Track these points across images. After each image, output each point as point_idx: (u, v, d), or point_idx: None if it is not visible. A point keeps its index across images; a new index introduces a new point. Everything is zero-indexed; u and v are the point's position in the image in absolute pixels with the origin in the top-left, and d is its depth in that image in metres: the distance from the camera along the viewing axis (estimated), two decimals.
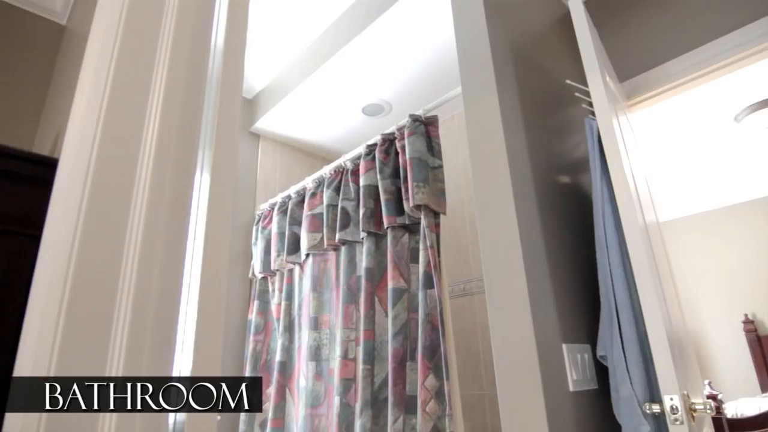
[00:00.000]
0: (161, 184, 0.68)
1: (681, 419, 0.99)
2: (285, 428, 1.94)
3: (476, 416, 2.05)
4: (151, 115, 0.72)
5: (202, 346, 0.66)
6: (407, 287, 1.58)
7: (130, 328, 0.60)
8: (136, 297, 0.61)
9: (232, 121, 0.82)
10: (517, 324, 1.15)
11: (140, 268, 0.63)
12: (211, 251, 0.71)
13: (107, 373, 0.57)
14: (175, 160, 0.72)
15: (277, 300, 2.18)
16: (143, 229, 0.64)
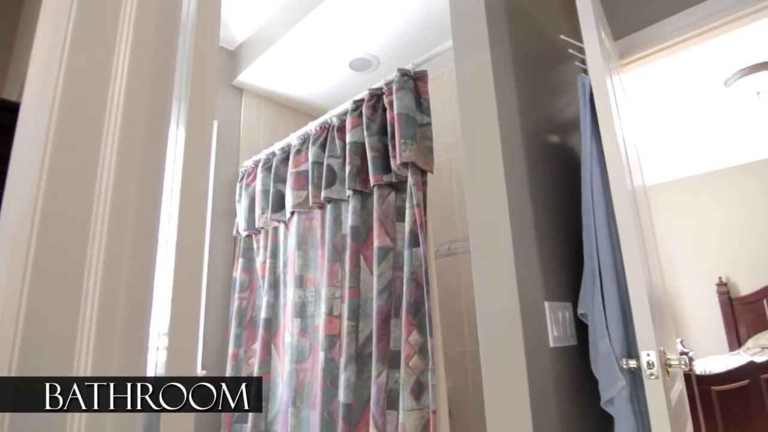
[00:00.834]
0: (131, 138, 0.64)
1: (656, 374, 1.02)
2: (271, 382, 1.97)
3: (458, 371, 2.11)
4: (119, 61, 0.67)
5: (179, 315, 0.63)
6: (393, 246, 1.58)
7: (101, 296, 0.57)
8: (106, 265, 0.57)
9: (208, 70, 0.77)
10: (501, 282, 1.16)
11: (110, 230, 0.59)
12: (188, 211, 0.68)
13: (77, 340, 0.54)
14: (146, 111, 0.67)
15: (262, 258, 2.17)
16: (113, 188, 0.60)
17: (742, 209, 4.36)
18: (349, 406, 1.52)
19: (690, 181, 4.74)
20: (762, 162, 4.34)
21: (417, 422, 1.35)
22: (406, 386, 1.37)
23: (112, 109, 0.65)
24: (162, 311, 0.66)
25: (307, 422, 1.72)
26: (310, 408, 1.73)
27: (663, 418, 1.01)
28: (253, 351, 2.12)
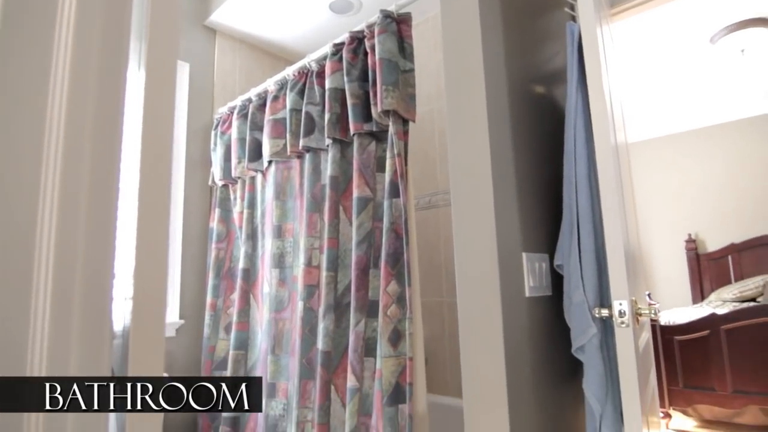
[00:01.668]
0: (83, 80, 0.58)
1: (627, 323, 1.04)
2: (250, 331, 1.98)
3: (435, 321, 2.16)
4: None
5: (144, 270, 0.60)
6: (373, 196, 1.55)
7: (56, 248, 0.52)
8: (60, 221, 0.52)
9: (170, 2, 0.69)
10: (480, 232, 1.15)
11: (63, 186, 0.53)
12: (150, 161, 0.63)
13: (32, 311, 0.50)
14: (99, 50, 0.60)
15: (239, 208, 2.12)
16: (64, 138, 0.55)
17: (719, 168, 4.44)
18: (327, 354, 1.54)
19: (669, 139, 4.78)
20: (741, 121, 4.38)
21: (394, 368, 1.37)
22: (384, 334, 1.39)
23: (59, 48, 0.58)
24: (126, 266, 0.63)
25: (286, 369, 1.75)
26: (289, 355, 1.76)
27: (630, 364, 1.05)
28: (232, 301, 2.12)
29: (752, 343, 2.75)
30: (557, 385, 1.32)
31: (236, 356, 1.94)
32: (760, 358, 2.72)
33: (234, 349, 1.94)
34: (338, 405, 1.53)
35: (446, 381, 2.11)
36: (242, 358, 1.95)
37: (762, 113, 4.26)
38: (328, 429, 1.51)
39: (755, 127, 4.29)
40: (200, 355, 2.21)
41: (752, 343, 2.75)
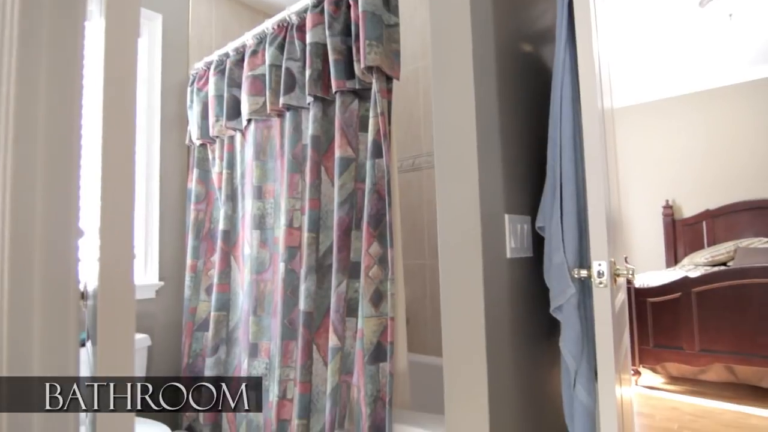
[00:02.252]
0: (34, 29, 0.52)
1: (605, 283, 1.06)
2: (231, 293, 1.97)
3: (417, 283, 2.18)
4: None
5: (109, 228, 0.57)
6: (355, 157, 1.52)
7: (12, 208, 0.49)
8: (14, 182, 0.49)
9: None
10: (464, 193, 1.14)
11: (15, 138, 0.50)
12: (113, 116, 0.58)
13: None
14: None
15: (218, 169, 2.07)
16: (15, 92, 0.50)
17: (700, 135, 4.48)
18: (309, 314, 1.54)
19: (653, 106, 4.79)
20: (726, 88, 4.40)
21: (375, 328, 1.39)
22: (366, 295, 1.39)
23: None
24: (92, 227, 0.59)
25: (268, 329, 1.76)
26: (270, 316, 1.76)
27: (606, 323, 1.07)
28: (212, 263, 2.09)
29: (720, 305, 2.86)
30: (535, 343, 1.35)
31: (218, 317, 1.93)
32: (727, 319, 2.84)
33: (215, 311, 1.94)
34: (320, 364, 1.55)
35: (426, 341, 2.15)
36: (224, 319, 1.95)
37: (747, 80, 4.28)
38: (310, 387, 1.54)
39: (739, 94, 4.32)
40: (181, 316, 2.20)
41: (720, 304, 2.86)
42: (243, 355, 1.81)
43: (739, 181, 4.26)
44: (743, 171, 4.24)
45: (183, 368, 2.06)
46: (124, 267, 0.59)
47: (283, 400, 1.60)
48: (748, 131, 4.23)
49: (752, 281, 2.78)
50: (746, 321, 2.77)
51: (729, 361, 2.82)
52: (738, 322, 2.80)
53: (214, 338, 1.92)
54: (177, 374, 2.17)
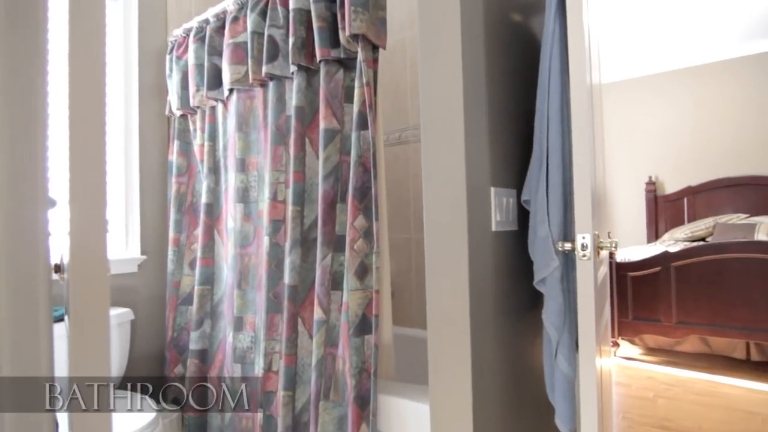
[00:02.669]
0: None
1: (589, 255, 1.07)
2: (215, 266, 1.95)
3: (402, 257, 2.18)
4: None
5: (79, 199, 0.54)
6: (340, 128, 1.49)
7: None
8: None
9: None
10: (450, 166, 1.13)
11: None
12: (80, 79, 0.55)
13: None
14: None
15: (199, 141, 2.01)
16: None
17: (686, 112, 4.51)
18: (294, 288, 1.53)
19: (639, 82, 4.79)
20: (714, 65, 4.41)
21: (360, 301, 1.39)
22: (351, 268, 1.39)
23: None
24: (61, 198, 0.57)
25: (253, 303, 1.75)
26: (255, 290, 1.75)
27: (589, 295, 1.08)
28: (195, 236, 2.06)
29: (698, 279, 2.94)
30: (518, 315, 1.36)
31: (202, 291, 1.92)
32: (704, 293, 2.92)
33: (199, 285, 1.92)
34: (305, 336, 1.55)
35: (412, 314, 2.17)
36: (208, 293, 1.93)
37: (735, 56, 4.29)
38: (296, 360, 1.54)
39: (727, 71, 4.33)
40: (164, 290, 2.18)
41: (698, 279, 2.93)
42: (228, 328, 1.81)
43: (721, 158, 4.32)
44: (727, 148, 4.30)
45: (167, 342, 2.05)
46: (97, 240, 0.57)
47: (269, 373, 1.61)
48: (735, 108, 4.26)
49: (729, 256, 2.84)
50: (722, 294, 2.86)
51: (704, 333, 2.92)
52: (714, 295, 2.88)
53: (198, 312, 1.91)
54: (161, 348, 2.16)
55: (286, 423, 1.51)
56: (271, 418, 1.61)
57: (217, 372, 1.90)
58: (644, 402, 2.49)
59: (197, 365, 1.91)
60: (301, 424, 1.54)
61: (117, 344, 1.85)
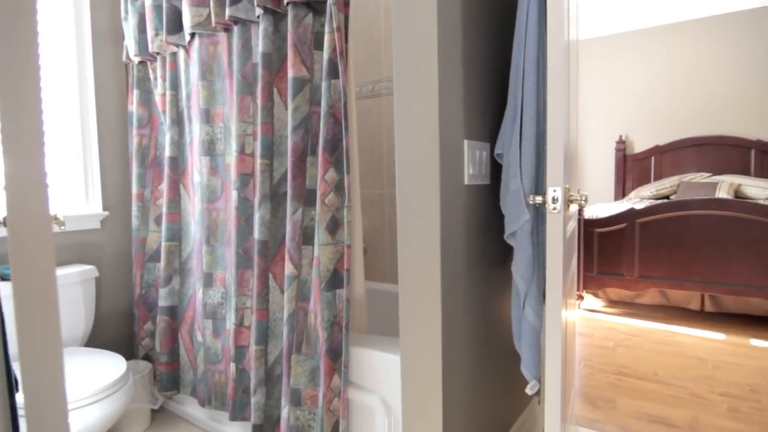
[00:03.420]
0: None
1: (559, 209, 1.07)
2: (182, 222, 1.89)
3: (375, 213, 2.17)
4: None
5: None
6: (310, 77, 1.42)
7: None
8: None
9: None
10: (423, 117, 1.10)
11: None
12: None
13: None
14: None
15: (160, 90, 1.90)
16: None
17: (662, 70, 4.51)
18: (264, 243, 1.51)
19: (614, 38, 4.76)
20: (690, 23, 4.39)
21: (332, 256, 1.37)
22: (322, 223, 1.37)
23: None
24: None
25: (222, 259, 1.72)
26: (225, 246, 1.71)
27: (558, 248, 1.10)
28: (160, 191, 1.99)
29: (661, 235, 3.04)
30: (488, 269, 1.38)
31: (169, 247, 1.87)
32: (665, 248, 3.04)
33: (166, 241, 1.87)
34: (277, 292, 1.54)
35: (385, 269, 2.19)
36: (176, 249, 1.89)
37: (710, 15, 4.28)
38: (267, 314, 1.54)
39: (703, 29, 4.33)
40: (130, 247, 2.12)
41: (661, 234, 3.04)
42: (198, 285, 1.78)
43: (691, 119, 4.40)
44: (697, 108, 4.37)
45: (135, 299, 2.01)
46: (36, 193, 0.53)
47: (241, 328, 1.60)
48: (710, 67, 4.29)
49: (690, 213, 2.95)
50: (682, 249, 2.98)
51: (664, 286, 3.06)
52: (675, 250, 3.00)
53: (166, 269, 1.87)
54: (129, 305, 2.12)
55: (258, 376, 1.52)
56: (244, 372, 1.62)
57: (188, 328, 1.88)
58: (605, 351, 2.62)
59: (167, 322, 1.89)
60: (273, 376, 1.55)
61: (82, 301, 1.80)
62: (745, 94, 4.12)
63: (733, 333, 2.86)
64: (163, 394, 1.92)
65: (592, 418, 1.88)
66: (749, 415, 1.87)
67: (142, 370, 1.94)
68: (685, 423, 1.83)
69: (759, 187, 3.59)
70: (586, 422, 1.85)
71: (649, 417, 1.88)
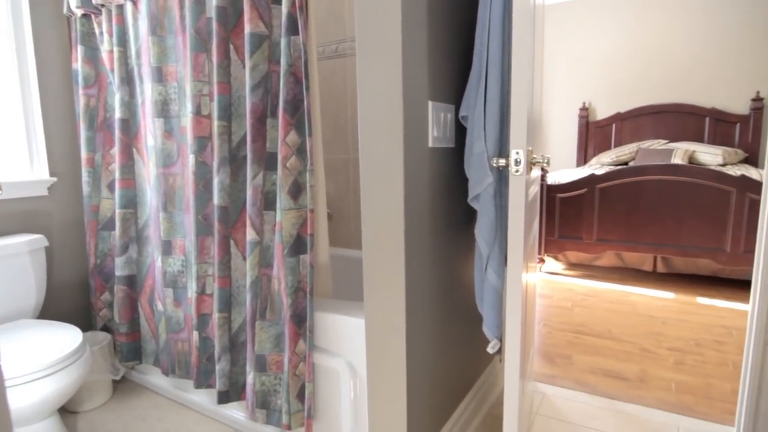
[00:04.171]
0: None
1: (521, 171, 1.07)
2: (137, 188, 1.81)
3: (340, 178, 2.13)
4: None
5: None
6: (268, 33, 1.35)
7: None
8: None
9: None
10: (386, 76, 1.06)
11: None
12: None
13: None
14: None
15: (107, 46, 1.77)
16: None
17: (629, 37, 4.54)
18: (224, 209, 1.46)
19: (581, 4, 4.75)
20: None
21: (294, 221, 1.34)
22: (284, 187, 1.33)
23: None
24: None
25: (181, 226, 1.66)
26: (183, 212, 1.65)
27: (519, 210, 1.11)
28: (112, 156, 1.89)
29: (618, 200, 3.15)
30: (452, 232, 1.39)
31: (124, 215, 1.79)
32: (622, 212, 3.15)
33: (120, 208, 1.78)
34: (239, 258, 1.50)
35: (351, 235, 2.17)
36: (131, 216, 1.81)
37: None
38: (230, 282, 1.51)
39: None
40: (82, 215, 2.02)
41: (618, 199, 3.15)
42: (156, 253, 1.72)
43: (651, 86, 4.49)
44: (658, 76, 4.45)
45: (90, 269, 1.93)
46: None
47: (203, 296, 1.57)
48: (671, 36, 4.34)
49: (646, 178, 3.05)
50: (638, 213, 3.09)
51: (620, 248, 3.18)
52: (631, 214, 3.11)
53: (122, 237, 1.79)
54: (84, 275, 2.04)
55: (222, 343, 1.50)
56: (208, 340, 1.60)
57: (148, 297, 1.83)
58: (563, 311, 2.73)
59: (125, 291, 1.83)
60: (238, 343, 1.54)
61: (31, 271, 1.71)
62: (702, 64, 4.23)
63: (681, 292, 3.03)
64: (124, 365, 1.88)
65: (550, 374, 1.97)
66: (693, 367, 2.00)
67: (101, 342, 1.89)
68: (635, 376, 1.94)
69: (711, 153, 3.74)
70: (544, 378, 1.93)
71: (602, 371, 1.98)
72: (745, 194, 2.78)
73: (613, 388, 1.84)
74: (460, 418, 1.50)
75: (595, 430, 1.56)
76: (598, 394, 1.79)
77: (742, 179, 2.80)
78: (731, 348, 2.17)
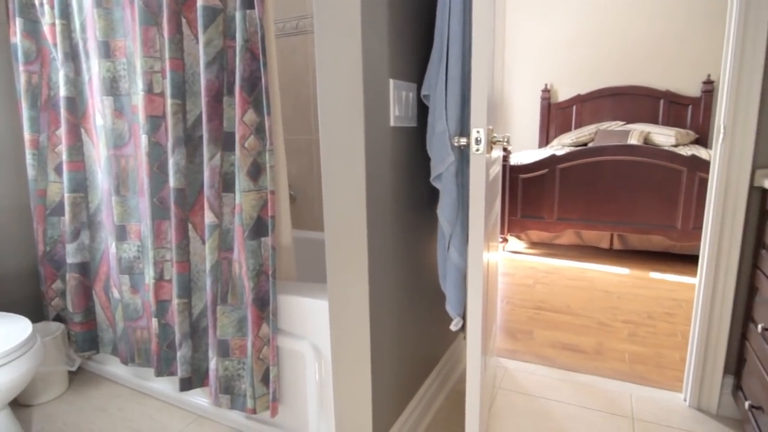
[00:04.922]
0: None
1: (482, 150, 1.08)
2: (87, 171, 1.72)
3: (303, 160, 2.09)
4: None
5: None
6: (222, 6, 1.29)
7: None
8: None
9: None
10: (345, 54, 1.03)
11: None
12: None
13: None
14: None
15: (49, 19, 1.65)
16: None
17: (592, 18, 4.60)
18: (181, 191, 1.41)
19: None
20: None
21: (255, 203, 1.31)
22: (243, 168, 1.29)
23: None
24: None
25: (135, 210, 1.59)
26: (137, 195, 1.58)
27: (480, 189, 1.11)
28: (58, 137, 1.78)
29: (578, 180, 3.23)
30: (415, 212, 1.39)
31: (73, 199, 1.70)
32: (581, 191, 3.24)
33: (69, 192, 1.69)
34: (198, 242, 1.46)
35: (315, 217, 2.15)
36: (82, 201, 1.72)
37: None
38: (189, 266, 1.46)
39: None
40: (28, 200, 1.91)
41: (578, 179, 3.23)
42: (110, 238, 1.65)
43: (611, 68, 4.60)
44: (618, 58, 4.56)
45: (40, 257, 1.84)
46: None
47: (161, 282, 1.52)
48: (631, 18, 4.42)
49: (605, 158, 3.14)
50: (596, 193, 3.19)
51: (579, 227, 3.29)
52: (590, 193, 3.21)
53: (72, 222, 1.71)
54: (33, 263, 1.94)
55: (183, 330, 1.46)
56: (168, 327, 1.56)
57: (103, 285, 1.76)
58: (525, 288, 2.81)
59: (78, 279, 1.75)
60: (199, 329, 1.50)
61: None
62: (658, 47, 4.36)
63: (636, 268, 3.16)
64: (80, 355, 1.81)
65: (512, 349, 2.03)
66: (645, 338, 2.10)
67: (53, 332, 1.81)
68: (592, 348, 2.02)
69: (665, 134, 3.89)
70: (506, 353, 1.99)
71: (561, 345, 2.06)
72: (696, 173, 2.92)
73: (572, 360, 1.92)
74: (425, 394, 1.53)
75: (554, 400, 1.63)
76: (557, 367, 1.86)
77: (692, 159, 2.92)
78: (680, 319, 2.30)
